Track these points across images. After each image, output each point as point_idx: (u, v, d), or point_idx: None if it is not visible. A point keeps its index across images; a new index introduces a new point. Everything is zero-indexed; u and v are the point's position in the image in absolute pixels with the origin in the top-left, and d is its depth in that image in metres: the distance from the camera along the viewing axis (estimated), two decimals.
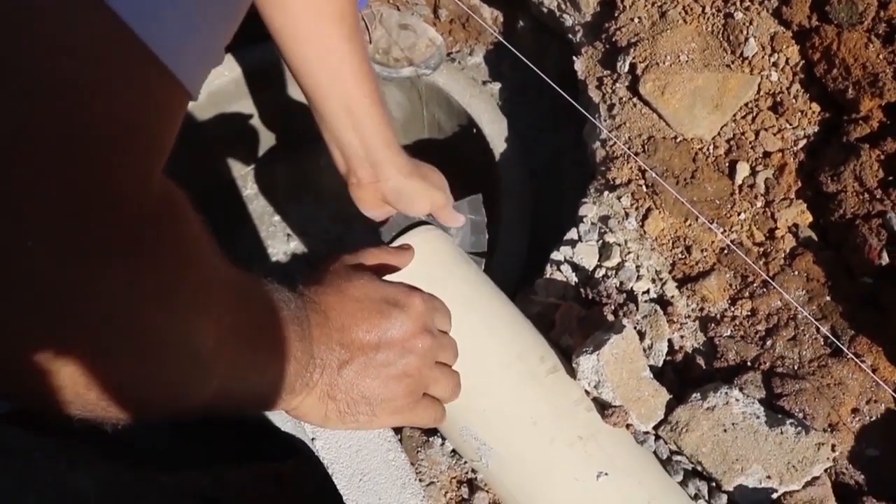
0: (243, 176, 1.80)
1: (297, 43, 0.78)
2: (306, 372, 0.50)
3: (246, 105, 1.65)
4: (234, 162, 1.78)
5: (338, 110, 0.82)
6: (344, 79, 0.80)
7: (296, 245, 1.76)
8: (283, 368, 0.49)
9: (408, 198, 0.91)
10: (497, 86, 1.52)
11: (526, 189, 1.37)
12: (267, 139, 1.76)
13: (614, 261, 1.00)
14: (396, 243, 0.90)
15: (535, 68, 1.12)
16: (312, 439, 0.57)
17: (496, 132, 1.42)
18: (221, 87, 1.57)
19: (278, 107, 1.68)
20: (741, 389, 0.87)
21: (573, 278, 1.00)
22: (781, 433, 0.82)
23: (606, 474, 0.80)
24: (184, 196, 0.40)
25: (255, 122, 1.69)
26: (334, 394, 0.52)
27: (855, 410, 0.87)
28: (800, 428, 0.82)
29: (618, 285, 0.97)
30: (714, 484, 0.84)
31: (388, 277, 0.68)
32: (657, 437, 0.86)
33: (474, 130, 1.44)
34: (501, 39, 1.21)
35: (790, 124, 1.05)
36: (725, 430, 0.83)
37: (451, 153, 1.60)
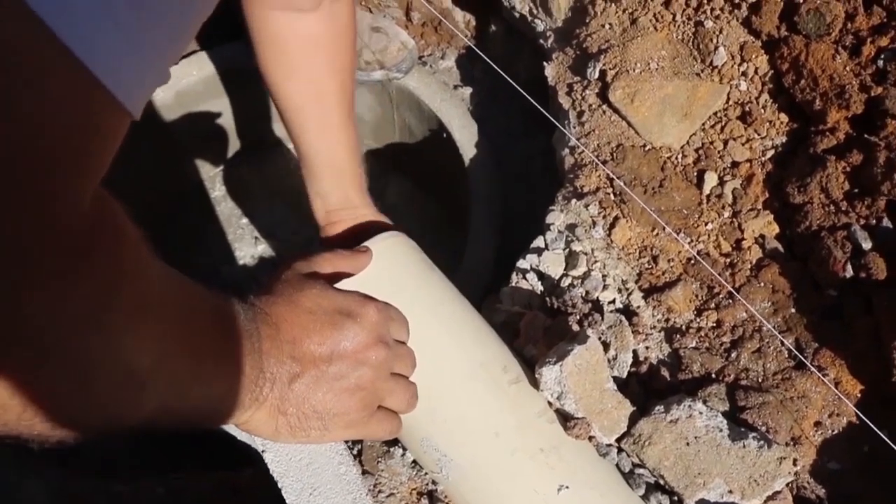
0: (211, 178, 1.77)
1: (298, 113, 0.88)
2: (255, 386, 0.48)
3: (215, 105, 1.62)
4: (202, 163, 1.75)
5: (325, 169, 0.91)
6: (335, 142, 0.89)
7: (264, 248, 1.74)
8: (231, 384, 0.47)
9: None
10: (468, 90, 1.51)
11: (496, 195, 1.36)
12: (236, 140, 1.74)
13: (580, 270, 0.99)
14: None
15: (504, 75, 1.11)
16: (262, 451, 0.56)
17: (466, 137, 1.40)
18: (189, 87, 1.54)
19: (248, 107, 1.65)
20: (705, 402, 0.86)
21: (539, 287, 0.99)
22: (744, 447, 0.81)
23: (567, 487, 0.79)
24: (120, 209, 0.39)
25: (224, 122, 1.67)
26: (285, 408, 0.50)
27: (818, 424, 0.86)
28: (762, 442, 0.82)
29: (583, 294, 0.96)
30: (676, 498, 0.83)
31: (348, 283, 0.66)
32: (620, 450, 0.85)
33: (444, 135, 1.43)
34: (472, 45, 1.20)
35: (758, 134, 1.05)
36: (688, 444, 0.82)
37: (421, 158, 1.59)
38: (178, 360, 0.42)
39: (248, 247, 1.75)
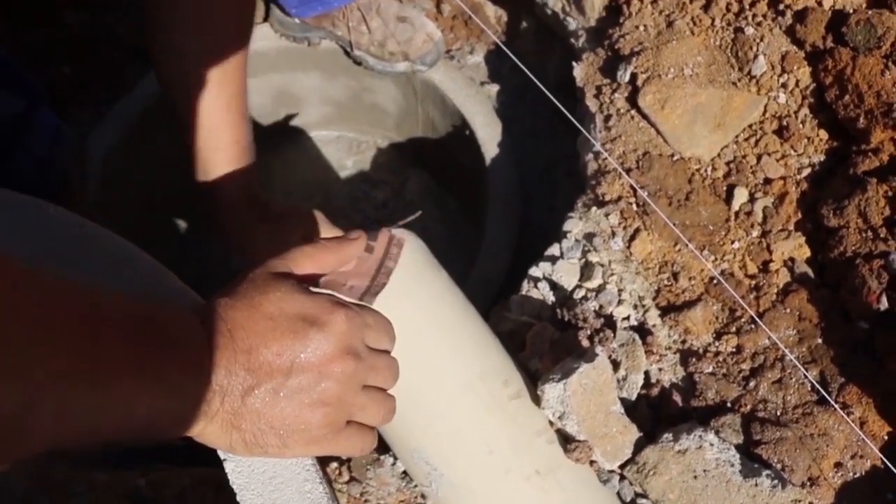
0: None
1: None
2: (202, 401, 0.44)
3: None
4: None
5: (229, 145, 0.86)
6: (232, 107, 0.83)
7: None
8: (166, 402, 0.42)
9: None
10: (496, 87, 1.46)
11: (516, 198, 1.31)
12: (258, 131, 1.70)
13: (595, 282, 0.93)
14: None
15: (531, 75, 1.06)
16: (224, 460, 0.51)
17: (489, 135, 1.35)
18: None
19: (269, 93, 1.62)
20: (717, 433, 0.80)
21: (550, 297, 0.94)
22: (756, 485, 0.76)
23: None
24: None
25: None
26: (238, 423, 0.46)
27: (838, 465, 0.80)
28: (776, 480, 0.76)
29: (596, 309, 0.91)
30: None
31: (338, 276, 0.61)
32: (622, 478, 0.80)
33: (467, 132, 1.38)
34: (500, 44, 1.15)
35: (795, 151, 0.98)
36: (696, 477, 0.77)
37: (443, 154, 1.54)
38: (68, 386, 0.37)
39: None
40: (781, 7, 1.00)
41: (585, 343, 0.86)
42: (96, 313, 0.40)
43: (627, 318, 0.91)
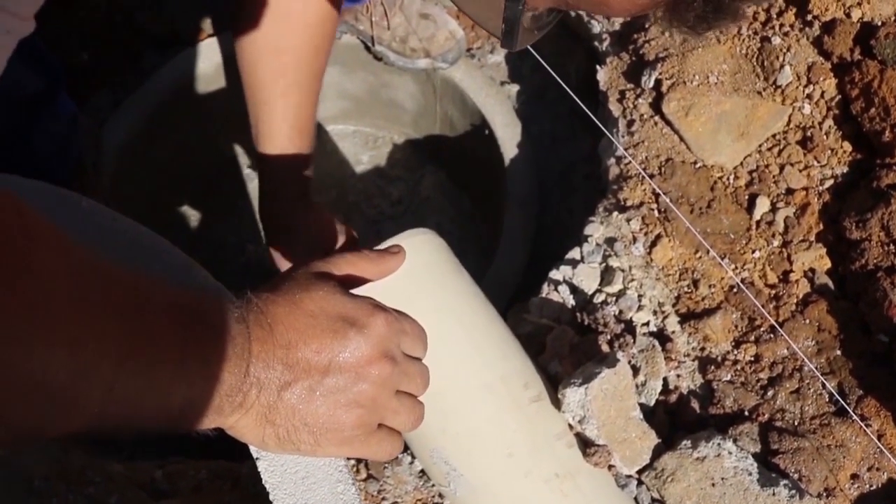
0: (246, 153, 1.74)
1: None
2: (239, 392, 0.44)
3: None
4: (238, 138, 1.71)
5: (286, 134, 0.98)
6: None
7: None
8: (201, 391, 0.43)
9: None
10: (515, 87, 1.46)
11: (533, 199, 1.31)
12: None
13: (616, 287, 0.93)
14: (385, 245, 0.84)
15: (555, 75, 1.06)
16: (256, 459, 0.52)
17: (508, 136, 1.36)
18: (230, 59, 1.51)
19: None
20: (735, 441, 0.81)
21: (570, 301, 0.94)
22: (773, 494, 0.76)
23: None
24: (9, 193, 0.34)
25: None
26: (273, 417, 0.46)
27: (854, 476, 0.81)
28: (794, 491, 0.77)
29: (616, 314, 0.91)
30: None
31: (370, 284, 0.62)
32: (640, 483, 0.81)
33: (486, 132, 1.38)
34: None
35: (818, 162, 0.98)
36: (714, 485, 0.77)
37: (460, 152, 1.55)
38: (116, 366, 0.38)
39: None
40: (809, 18, 1.00)
41: (605, 348, 0.86)
42: (144, 299, 0.41)
43: (647, 324, 0.92)
